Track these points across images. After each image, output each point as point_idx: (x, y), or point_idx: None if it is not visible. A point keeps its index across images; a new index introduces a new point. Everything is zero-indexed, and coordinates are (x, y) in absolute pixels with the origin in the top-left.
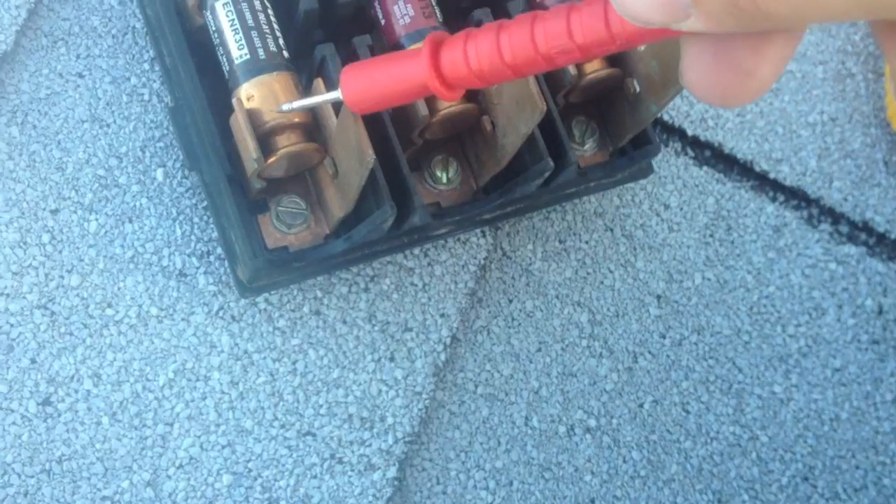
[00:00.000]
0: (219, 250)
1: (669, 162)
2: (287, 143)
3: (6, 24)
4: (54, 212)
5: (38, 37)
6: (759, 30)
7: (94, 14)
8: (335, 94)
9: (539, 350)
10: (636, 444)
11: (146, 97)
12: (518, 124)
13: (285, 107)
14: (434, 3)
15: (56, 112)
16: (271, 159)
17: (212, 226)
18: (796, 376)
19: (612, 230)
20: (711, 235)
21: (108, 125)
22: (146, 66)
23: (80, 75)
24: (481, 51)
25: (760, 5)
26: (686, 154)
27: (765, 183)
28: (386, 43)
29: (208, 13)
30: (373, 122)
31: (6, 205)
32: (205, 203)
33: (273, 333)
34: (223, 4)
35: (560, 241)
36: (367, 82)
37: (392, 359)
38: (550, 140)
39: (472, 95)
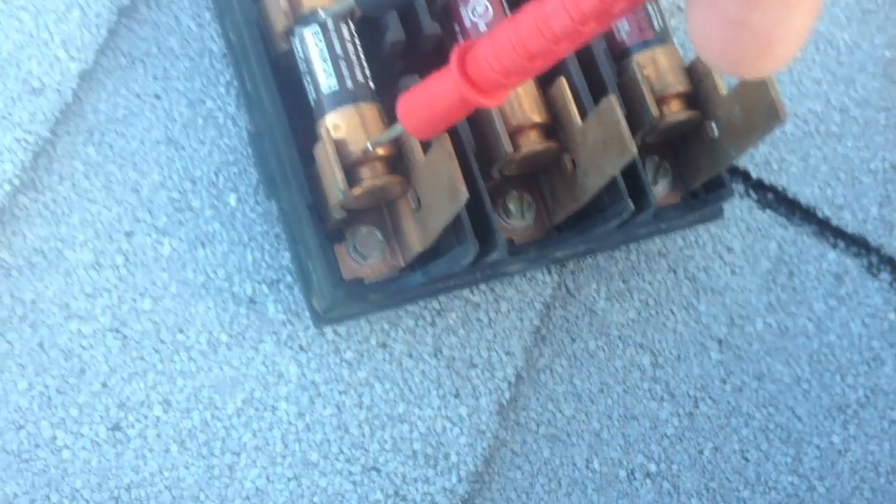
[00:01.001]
0: (288, 278)
1: (734, 204)
2: (372, 176)
3: (87, 43)
4: (129, 234)
5: (116, 56)
6: None
7: (172, 35)
8: (398, 127)
9: (601, 391)
10: (696, 492)
11: (221, 121)
12: (603, 165)
13: (370, 144)
14: None
15: (132, 133)
16: (356, 191)
17: (282, 253)
18: (854, 427)
19: (675, 271)
20: (773, 281)
21: (183, 148)
22: (222, 89)
23: (157, 96)
24: (499, 52)
25: None
26: (750, 197)
27: (826, 229)
28: None
29: (296, 41)
30: (458, 158)
31: (81, 225)
32: (276, 230)
33: (340, 365)
34: (313, 33)
35: (623, 281)
36: (419, 108)
37: (457, 395)
38: (630, 180)
39: (553, 133)
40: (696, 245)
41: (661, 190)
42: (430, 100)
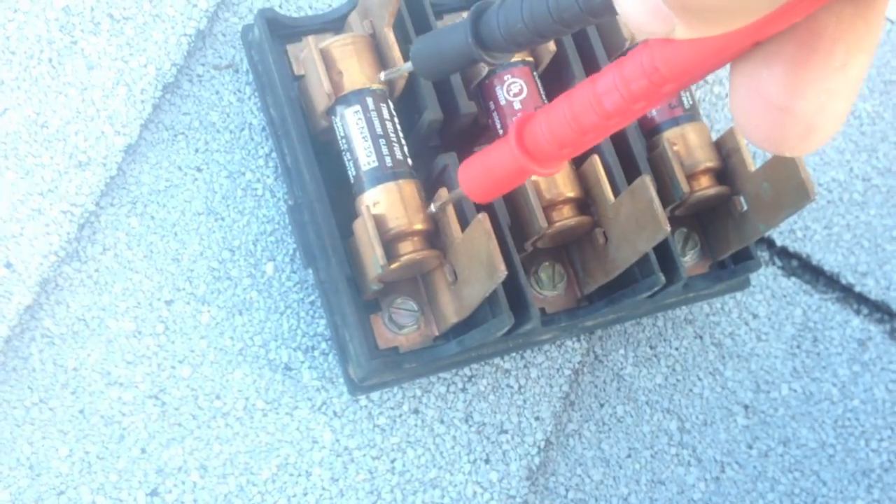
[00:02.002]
0: (323, 345)
1: (759, 271)
2: (410, 250)
3: (132, 118)
4: (169, 302)
5: (160, 130)
6: (720, 27)
7: (213, 109)
8: (459, 192)
9: (629, 456)
10: None
11: (259, 192)
12: (636, 242)
13: (433, 208)
14: None
15: (174, 204)
16: (394, 265)
17: (317, 320)
18: (878, 491)
19: (701, 337)
20: (798, 346)
21: (222, 218)
22: (261, 161)
23: (199, 169)
24: (555, 123)
25: None
26: (774, 264)
27: (850, 295)
28: None
29: (337, 119)
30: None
31: (123, 294)
32: (312, 297)
33: (373, 431)
34: (353, 112)
35: (651, 347)
36: (479, 175)
37: (487, 461)
38: (660, 253)
39: (585, 208)
40: (721, 311)
41: (689, 260)
42: (489, 167)
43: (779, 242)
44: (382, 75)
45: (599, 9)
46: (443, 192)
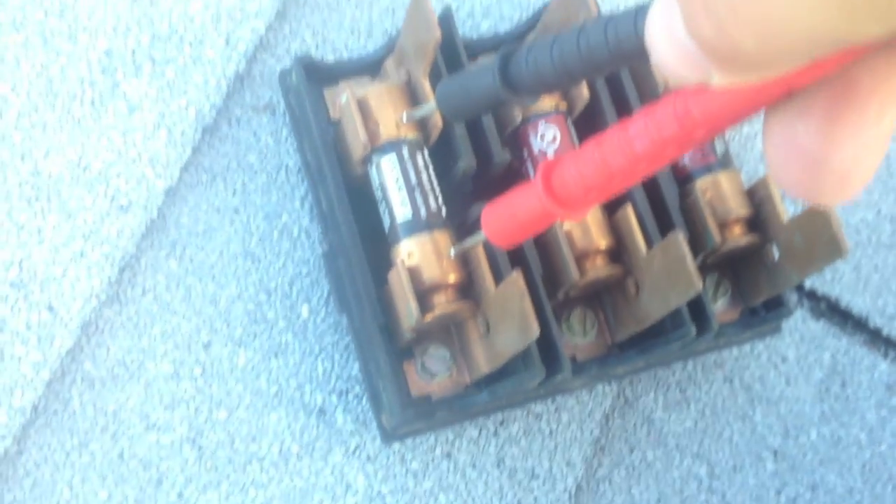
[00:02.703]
0: (357, 388)
1: None
2: (444, 302)
3: (172, 161)
4: (206, 345)
5: (198, 172)
6: (751, 76)
7: (251, 151)
8: (480, 236)
9: (659, 501)
10: None
11: (296, 234)
12: (668, 296)
13: (453, 252)
14: None
15: (212, 246)
16: (428, 317)
17: (351, 363)
18: None
19: (731, 381)
20: (827, 390)
21: (259, 260)
22: (297, 203)
23: (236, 211)
24: (583, 166)
25: (733, 41)
26: (803, 306)
27: (878, 339)
28: None
29: (373, 168)
30: (525, 281)
31: (162, 337)
32: (346, 340)
33: (406, 476)
34: (389, 161)
35: (681, 391)
36: (503, 218)
37: None
38: (692, 304)
39: (617, 257)
40: (751, 355)
41: (720, 307)
42: (513, 211)
43: (807, 285)
44: (405, 116)
45: (630, 52)
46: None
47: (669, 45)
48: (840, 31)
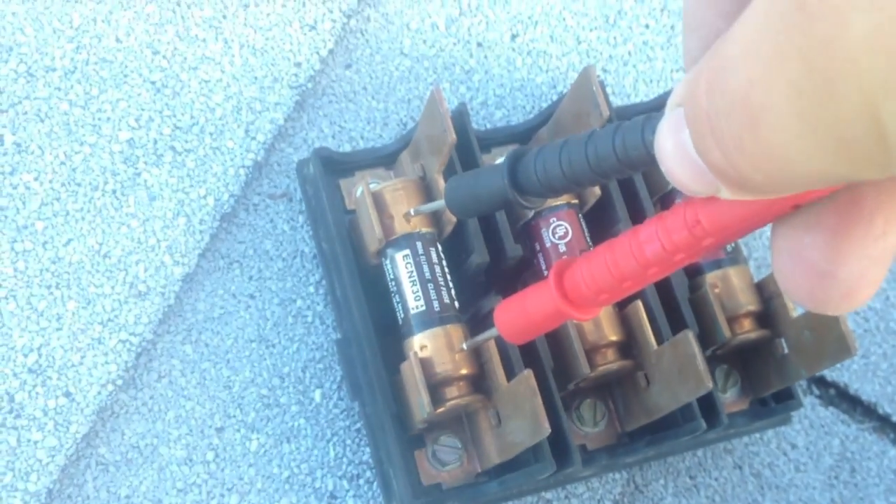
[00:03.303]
0: (368, 473)
1: None
2: (456, 395)
3: (190, 248)
4: (219, 430)
5: (216, 258)
6: (758, 196)
7: (267, 238)
8: (493, 331)
9: None
10: None
11: (310, 319)
12: (678, 392)
13: (465, 346)
14: None
15: (227, 332)
16: (440, 409)
17: (363, 448)
18: None
19: (740, 468)
20: (836, 477)
21: (273, 345)
22: (311, 288)
23: (252, 296)
24: (595, 269)
25: (740, 171)
26: (812, 393)
27: (887, 425)
28: None
29: (387, 262)
30: (535, 374)
31: (176, 422)
32: (357, 425)
33: None
34: (403, 256)
35: (690, 478)
36: (516, 316)
37: None
38: (702, 398)
39: (628, 350)
40: (760, 441)
41: (729, 398)
42: (526, 309)
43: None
44: (413, 210)
45: (638, 161)
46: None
47: (679, 160)
48: (841, 173)
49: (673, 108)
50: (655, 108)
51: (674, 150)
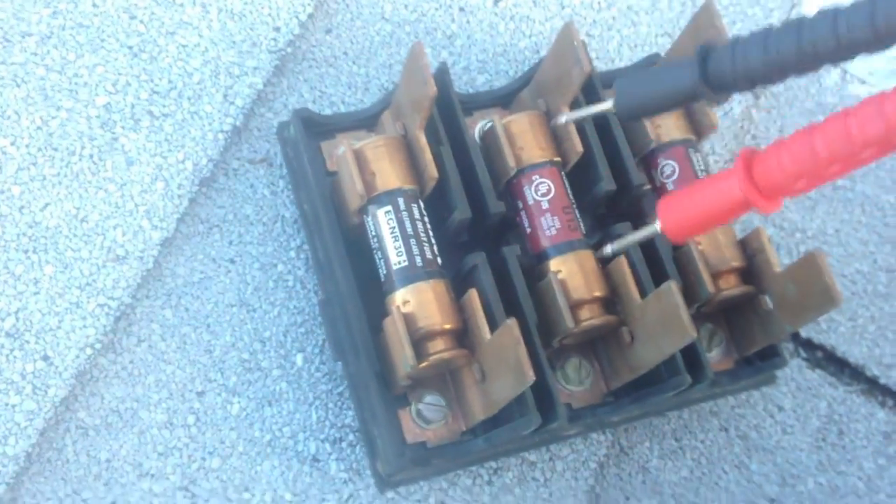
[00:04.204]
0: (350, 436)
1: None
2: (440, 349)
3: (169, 212)
4: (200, 394)
5: (195, 223)
6: None
7: (247, 203)
8: (653, 228)
9: None
10: None
11: (290, 283)
12: (661, 344)
13: (609, 250)
14: (578, 217)
15: (207, 296)
16: (424, 364)
17: (345, 411)
18: None
19: (726, 430)
20: (824, 439)
21: (254, 310)
22: (292, 253)
23: (232, 261)
24: (795, 154)
25: None
26: (799, 355)
27: (875, 388)
28: (530, 251)
29: (369, 218)
30: (520, 329)
31: (157, 386)
32: (340, 388)
33: None
34: (385, 212)
35: (676, 440)
36: (685, 210)
37: None
38: (686, 353)
39: (612, 307)
40: (747, 404)
41: (714, 357)
42: (700, 201)
43: (804, 334)
44: (564, 118)
45: (860, 43)
46: (472, 294)
47: None
48: None
49: None
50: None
51: None
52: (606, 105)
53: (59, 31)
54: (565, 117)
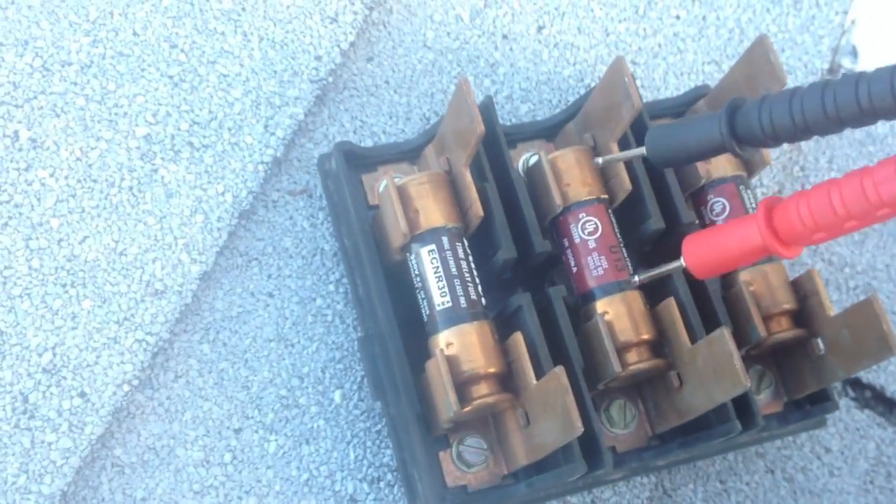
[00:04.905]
0: (388, 476)
1: None
2: (484, 394)
3: (208, 245)
4: (237, 431)
5: (234, 256)
6: None
7: (286, 235)
8: (677, 264)
9: None
10: None
11: (329, 318)
12: (713, 392)
13: (636, 279)
14: (626, 257)
15: (245, 331)
16: (467, 409)
17: (383, 450)
18: None
19: (772, 472)
20: (871, 482)
21: (292, 345)
22: (331, 287)
23: (271, 295)
24: (815, 207)
25: None
26: (847, 395)
27: None
28: (576, 291)
29: (412, 257)
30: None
31: (193, 423)
32: (378, 426)
33: None
34: (428, 251)
35: (721, 482)
36: (708, 251)
37: None
38: (737, 399)
39: (660, 349)
40: (793, 445)
41: (763, 399)
42: (721, 243)
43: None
44: (600, 160)
45: (882, 111)
46: (518, 337)
47: None
48: None
49: None
50: (687, 103)
51: None
52: (639, 151)
53: (100, 60)
54: (601, 160)
